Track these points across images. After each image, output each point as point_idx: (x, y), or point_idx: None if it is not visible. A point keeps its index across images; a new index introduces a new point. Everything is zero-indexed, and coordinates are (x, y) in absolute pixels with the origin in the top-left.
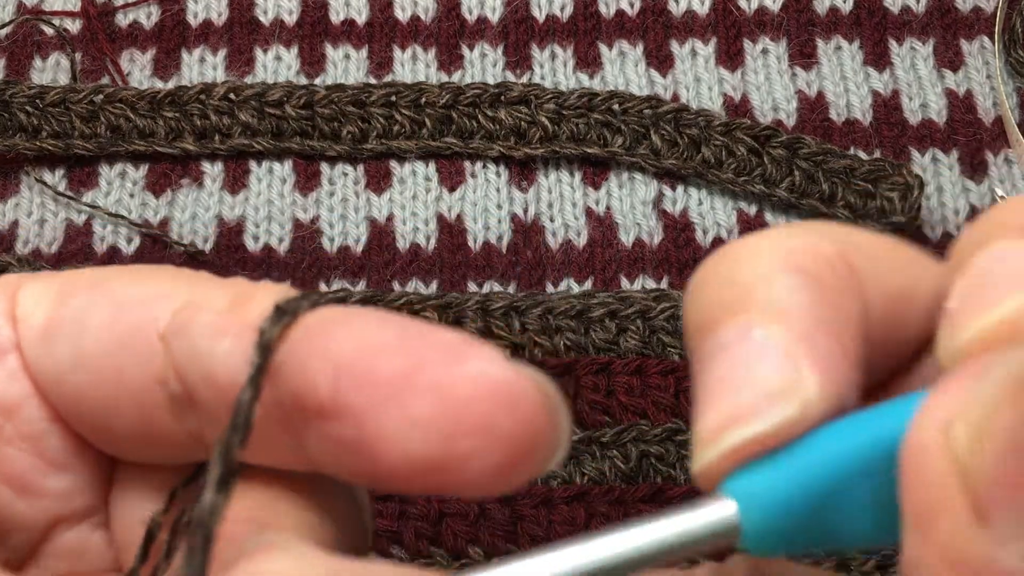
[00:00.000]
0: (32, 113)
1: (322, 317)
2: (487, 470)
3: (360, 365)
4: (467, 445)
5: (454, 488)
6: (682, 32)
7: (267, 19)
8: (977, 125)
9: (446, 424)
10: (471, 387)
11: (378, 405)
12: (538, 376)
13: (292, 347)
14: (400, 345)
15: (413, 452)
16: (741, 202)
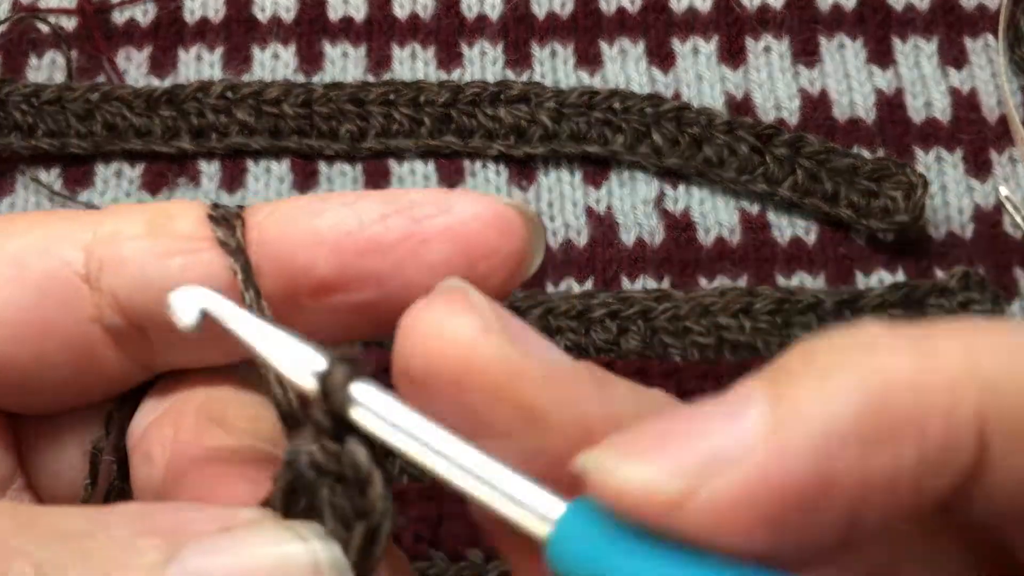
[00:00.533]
0: (27, 112)
1: (288, 209)
2: (495, 287)
3: (364, 236)
4: (482, 271)
5: None
6: (684, 29)
7: (264, 16)
8: (981, 123)
9: (464, 260)
10: (476, 224)
11: (396, 265)
12: (512, 200)
13: (265, 243)
14: (394, 210)
15: None
16: (743, 201)
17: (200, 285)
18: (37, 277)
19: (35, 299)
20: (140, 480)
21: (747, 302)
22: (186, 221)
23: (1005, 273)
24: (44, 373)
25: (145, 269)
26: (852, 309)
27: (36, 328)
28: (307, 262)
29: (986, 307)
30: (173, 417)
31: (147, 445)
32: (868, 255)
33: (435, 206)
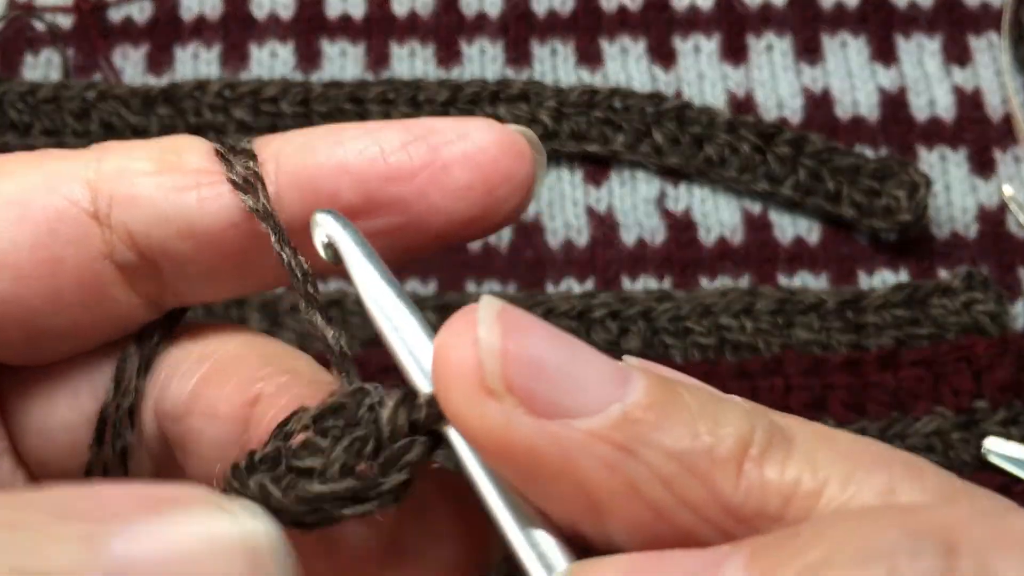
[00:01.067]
0: (23, 110)
1: (306, 139)
2: (511, 209)
3: (387, 164)
4: (499, 195)
5: (483, 232)
6: (685, 27)
7: (262, 14)
8: (985, 122)
9: (484, 184)
10: (494, 150)
11: (420, 190)
12: (520, 128)
13: (286, 174)
14: (414, 138)
15: (460, 215)
16: (745, 201)
17: (216, 213)
18: (45, 216)
19: (44, 238)
20: (207, 441)
21: (748, 302)
22: (195, 155)
23: (1009, 273)
24: (54, 314)
25: (160, 205)
26: (855, 309)
27: (47, 268)
28: (331, 190)
29: (989, 307)
30: (229, 373)
31: (208, 405)
32: (871, 255)
33: (453, 132)
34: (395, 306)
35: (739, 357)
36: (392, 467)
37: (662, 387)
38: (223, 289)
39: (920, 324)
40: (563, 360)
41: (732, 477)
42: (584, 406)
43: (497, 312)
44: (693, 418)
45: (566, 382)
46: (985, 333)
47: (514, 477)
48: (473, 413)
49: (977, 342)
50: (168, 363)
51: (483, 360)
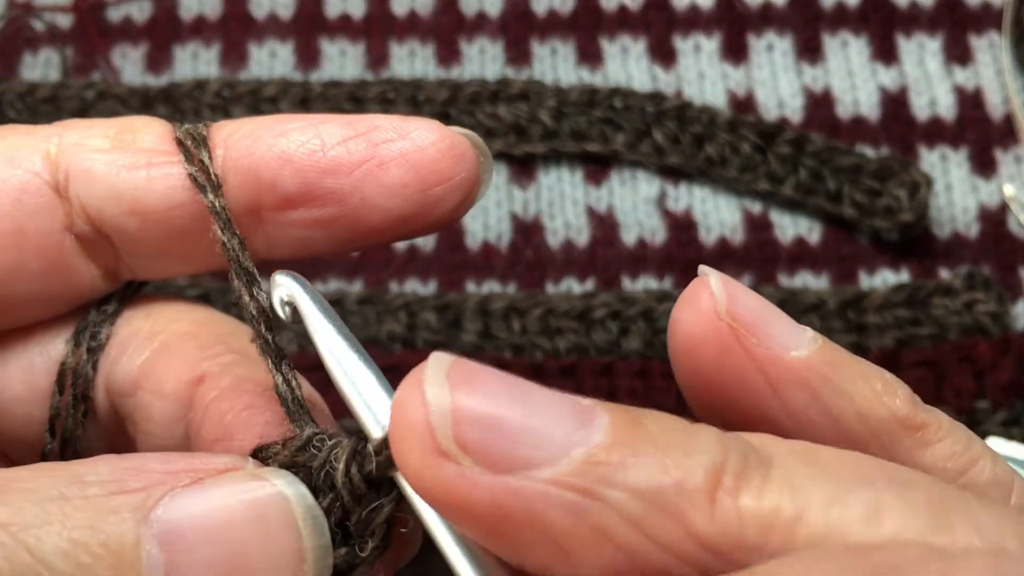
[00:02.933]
0: (22, 110)
1: (254, 128)
2: (449, 210)
3: (326, 157)
4: (436, 195)
5: (421, 230)
6: (685, 26)
7: (261, 13)
8: (986, 122)
9: (419, 183)
10: (433, 151)
11: (355, 184)
12: (465, 131)
13: (231, 160)
14: (355, 134)
15: (394, 211)
16: (746, 200)
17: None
18: (9, 187)
19: (9, 209)
20: (155, 417)
21: None
22: (150, 136)
23: (1010, 272)
24: (18, 283)
25: (112, 181)
26: (856, 310)
27: (11, 238)
28: (271, 178)
29: (991, 307)
30: (177, 351)
31: (155, 382)
32: (872, 254)
33: (394, 131)
34: (351, 361)
35: None
36: (366, 535)
37: (626, 422)
38: (173, 266)
39: (921, 324)
40: (518, 410)
41: (705, 510)
42: (544, 454)
43: (446, 369)
44: (660, 452)
45: (523, 432)
46: (987, 333)
47: (478, 535)
48: (430, 475)
49: (979, 342)
50: (120, 339)
51: (433, 422)
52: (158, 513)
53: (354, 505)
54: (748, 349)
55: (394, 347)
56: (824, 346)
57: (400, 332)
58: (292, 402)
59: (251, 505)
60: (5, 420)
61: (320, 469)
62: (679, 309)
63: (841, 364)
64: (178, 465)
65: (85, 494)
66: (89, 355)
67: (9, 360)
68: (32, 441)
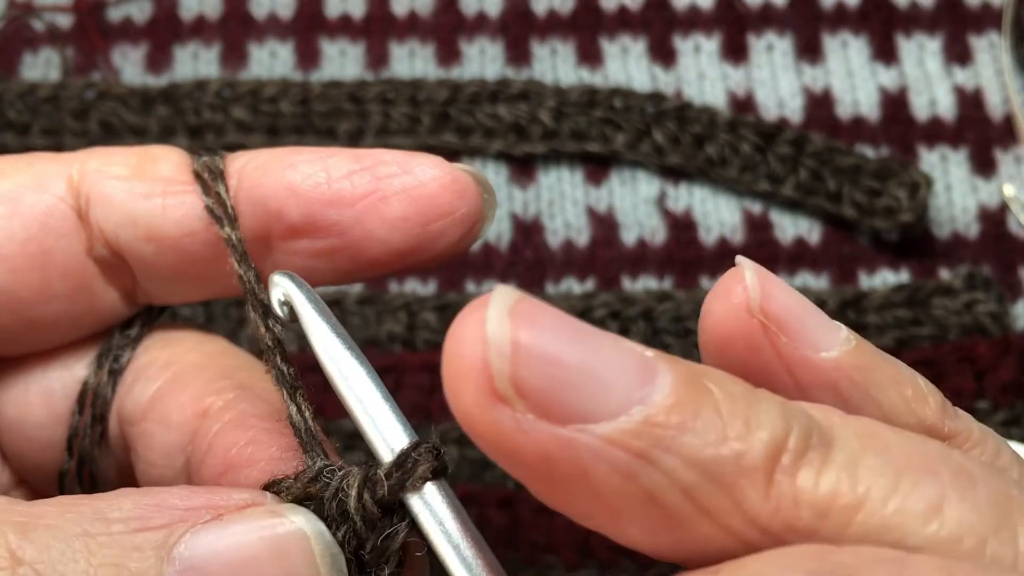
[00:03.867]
0: (22, 110)
1: (265, 159)
2: (450, 245)
3: (331, 190)
4: (436, 229)
5: (422, 263)
6: (685, 27)
7: (261, 13)
8: (986, 122)
9: (420, 218)
10: (434, 186)
11: (357, 217)
12: (469, 167)
13: (242, 190)
14: (361, 168)
15: (395, 244)
16: (745, 200)
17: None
18: (36, 212)
19: (36, 232)
20: (157, 447)
21: None
22: (168, 165)
23: (1010, 272)
24: (42, 304)
25: (129, 207)
26: (855, 310)
27: (38, 260)
28: (278, 208)
29: (991, 307)
30: (185, 383)
31: (162, 412)
32: (872, 255)
33: (398, 166)
34: (346, 358)
35: None
36: (381, 563)
37: (690, 384)
38: (187, 292)
39: (921, 324)
40: (581, 357)
41: (761, 487)
42: (603, 408)
43: (510, 305)
44: (721, 420)
45: (584, 382)
46: (986, 333)
47: (522, 477)
48: (480, 417)
49: (979, 343)
50: (136, 366)
51: (491, 361)
52: (180, 550)
53: (368, 533)
54: (778, 348)
55: (394, 347)
56: (857, 347)
57: (400, 332)
58: (305, 432)
59: (271, 542)
60: (24, 445)
61: (332, 499)
62: (711, 301)
63: (872, 368)
64: (199, 501)
65: (109, 531)
66: (110, 377)
67: (30, 385)
68: (49, 466)
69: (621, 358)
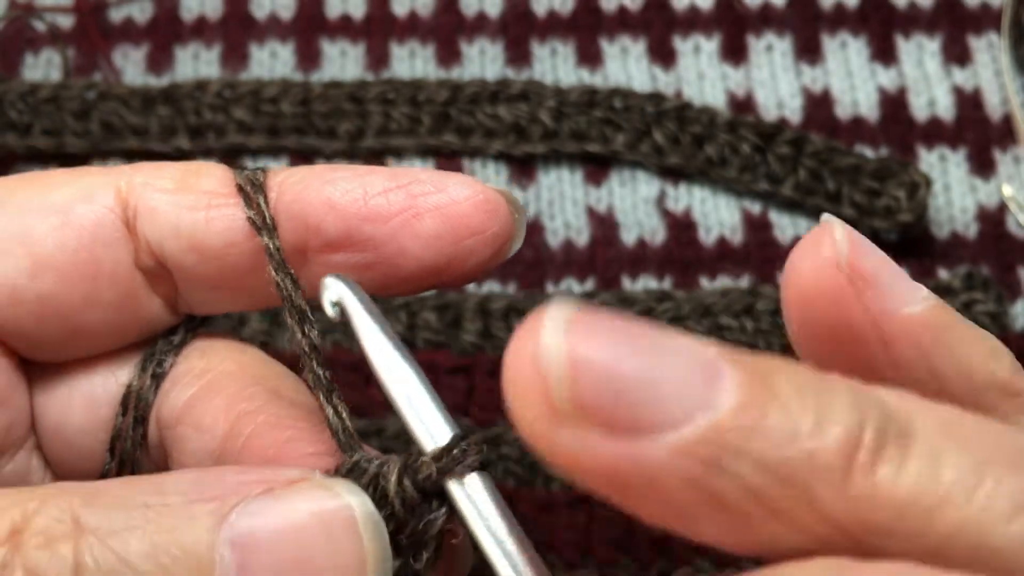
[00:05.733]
0: (23, 110)
1: (305, 175)
2: (480, 262)
3: (367, 206)
4: (468, 246)
5: (454, 280)
6: (685, 27)
7: (262, 14)
8: (985, 122)
9: (452, 235)
10: (467, 205)
11: (392, 233)
12: (501, 188)
13: (282, 204)
14: (396, 185)
15: (427, 260)
16: (745, 201)
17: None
18: (86, 222)
19: (86, 242)
20: (189, 450)
21: (749, 302)
22: (211, 179)
23: (1009, 273)
24: (90, 313)
25: (174, 219)
26: None
27: (88, 268)
28: (316, 223)
29: (989, 307)
30: (219, 390)
31: (196, 417)
32: None
33: (432, 185)
34: (395, 358)
35: None
36: (419, 548)
37: (756, 383)
38: (226, 302)
39: None
40: (642, 367)
41: (835, 486)
42: (668, 417)
43: (567, 319)
44: (791, 417)
45: (646, 393)
46: None
47: (599, 493)
48: (544, 439)
49: None
50: (175, 374)
51: (549, 379)
52: (232, 520)
53: (407, 517)
54: (865, 303)
55: None
56: (937, 305)
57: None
58: (343, 432)
59: (318, 514)
60: (65, 451)
61: (371, 484)
62: (797, 257)
63: (953, 325)
64: (252, 476)
65: (166, 502)
66: (152, 381)
67: (73, 391)
68: (89, 472)
69: (683, 362)
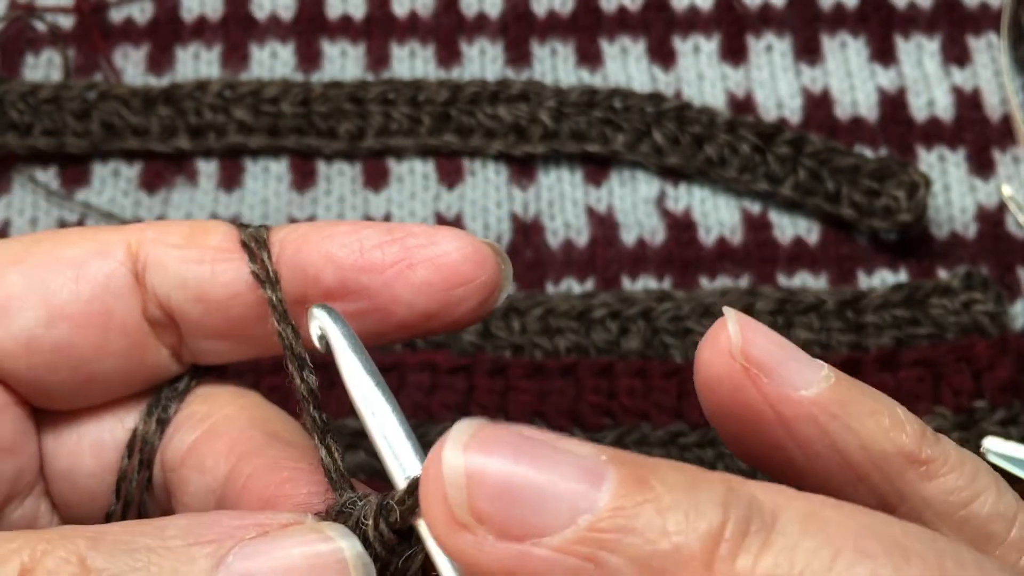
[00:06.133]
0: (24, 110)
1: (306, 229)
2: (470, 309)
3: (363, 258)
4: (458, 295)
5: (445, 326)
6: (685, 28)
7: (263, 15)
8: (984, 122)
9: (443, 283)
10: (457, 255)
11: (386, 283)
12: (488, 241)
13: (284, 256)
14: (391, 239)
15: (420, 307)
16: (745, 201)
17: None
18: (99, 276)
19: (99, 293)
20: (192, 491)
21: (748, 302)
22: (218, 235)
23: (1008, 273)
24: (101, 361)
25: (181, 272)
26: (854, 309)
27: (100, 319)
28: (316, 274)
29: (989, 307)
30: (220, 434)
31: (198, 459)
32: (870, 255)
33: (425, 238)
34: (375, 395)
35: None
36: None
37: (633, 484)
38: (229, 352)
39: (920, 324)
40: (531, 476)
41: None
42: (553, 521)
43: (466, 438)
44: (663, 516)
45: (535, 499)
46: (984, 333)
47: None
48: (451, 544)
49: (977, 342)
50: (179, 419)
51: (448, 493)
52: (229, 561)
53: (388, 556)
54: (760, 388)
55: (395, 347)
56: (837, 383)
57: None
58: (335, 472)
59: (311, 556)
60: (73, 494)
61: (355, 528)
62: (701, 348)
63: (851, 401)
64: (247, 520)
65: (167, 545)
66: (158, 426)
67: (83, 436)
68: (95, 515)
69: (571, 470)
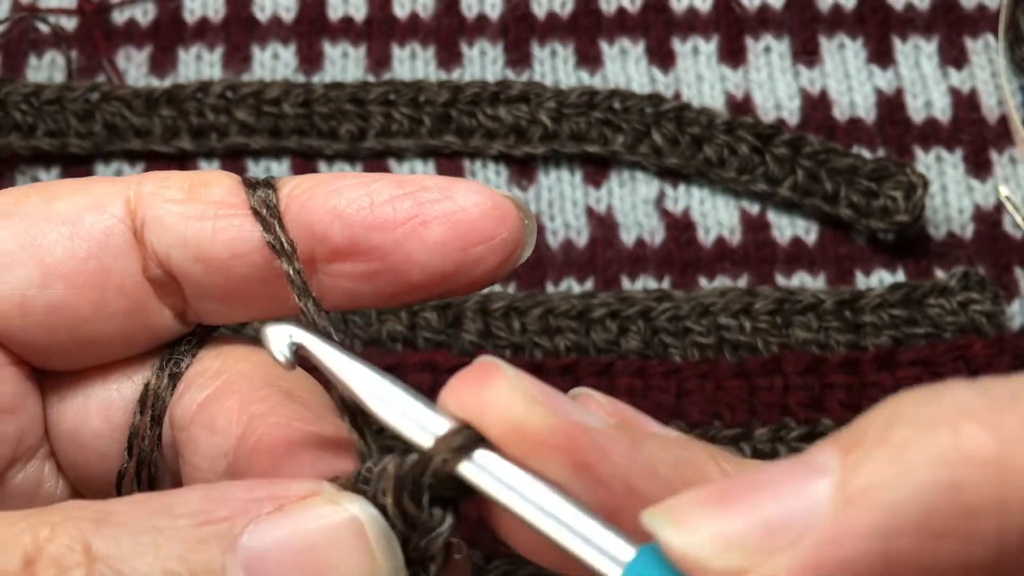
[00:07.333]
0: (27, 111)
1: (311, 184)
2: (489, 270)
3: (373, 214)
4: (476, 253)
5: (462, 288)
6: (684, 29)
7: (264, 16)
8: (981, 123)
9: (459, 242)
10: (475, 211)
11: (399, 241)
12: (510, 194)
13: (289, 214)
14: (402, 193)
15: (435, 268)
16: (743, 201)
17: (228, 242)
18: (95, 232)
19: (96, 251)
20: (202, 451)
21: (747, 302)
22: (219, 189)
23: (1005, 273)
24: (100, 321)
25: (180, 229)
26: (852, 309)
27: (97, 278)
28: (323, 232)
29: (986, 307)
30: (232, 391)
31: (209, 418)
32: (868, 255)
33: (439, 192)
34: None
35: (738, 357)
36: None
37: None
38: (234, 312)
39: (917, 324)
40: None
41: None
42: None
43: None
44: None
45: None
46: (982, 333)
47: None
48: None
49: (974, 342)
50: (190, 375)
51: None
52: (243, 541)
53: (410, 531)
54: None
55: (395, 346)
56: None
57: (401, 331)
58: (360, 439)
59: (329, 530)
60: (80, 455)
61: (374, 498)
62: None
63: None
64: (261, 493)
65: (175, 525)
66: (170, 380)
67: (89, 396)
68: (104, 476)
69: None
